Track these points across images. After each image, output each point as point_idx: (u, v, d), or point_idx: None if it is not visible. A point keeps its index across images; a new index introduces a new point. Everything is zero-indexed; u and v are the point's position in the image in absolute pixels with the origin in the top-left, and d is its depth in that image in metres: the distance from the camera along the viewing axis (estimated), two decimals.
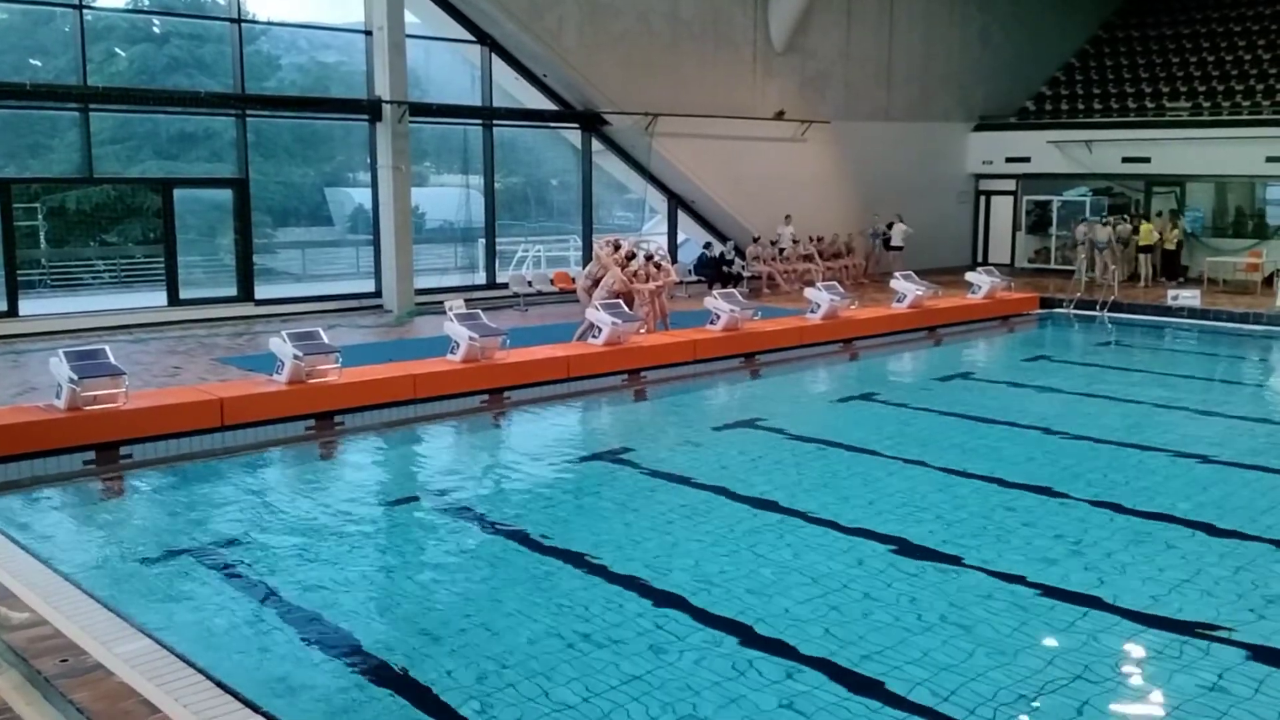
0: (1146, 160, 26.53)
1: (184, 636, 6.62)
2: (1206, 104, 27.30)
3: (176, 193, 18.86)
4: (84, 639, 6.26)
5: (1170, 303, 21.13)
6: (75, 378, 10.80)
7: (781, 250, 24.46)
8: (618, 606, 7.26)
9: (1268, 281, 23.01)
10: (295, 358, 12.22)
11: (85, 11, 17.85)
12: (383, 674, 6.32)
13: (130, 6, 20.12)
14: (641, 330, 16.09)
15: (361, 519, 9.40)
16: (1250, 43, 28.86)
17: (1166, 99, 28.17)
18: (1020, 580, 7.65)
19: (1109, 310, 21.63)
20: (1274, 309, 20.26)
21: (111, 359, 11.35)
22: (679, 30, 23.28)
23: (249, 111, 19.36)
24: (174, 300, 18.62)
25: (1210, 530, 8.74)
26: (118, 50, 19.74)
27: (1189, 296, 21.13)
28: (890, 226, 26.40)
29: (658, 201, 25.16)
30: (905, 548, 8.33)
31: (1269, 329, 19.80)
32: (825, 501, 9.58)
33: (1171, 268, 25.08)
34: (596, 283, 16.84)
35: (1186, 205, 26.53)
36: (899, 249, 26.05)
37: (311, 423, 12.20)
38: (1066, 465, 10.86)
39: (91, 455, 10.69)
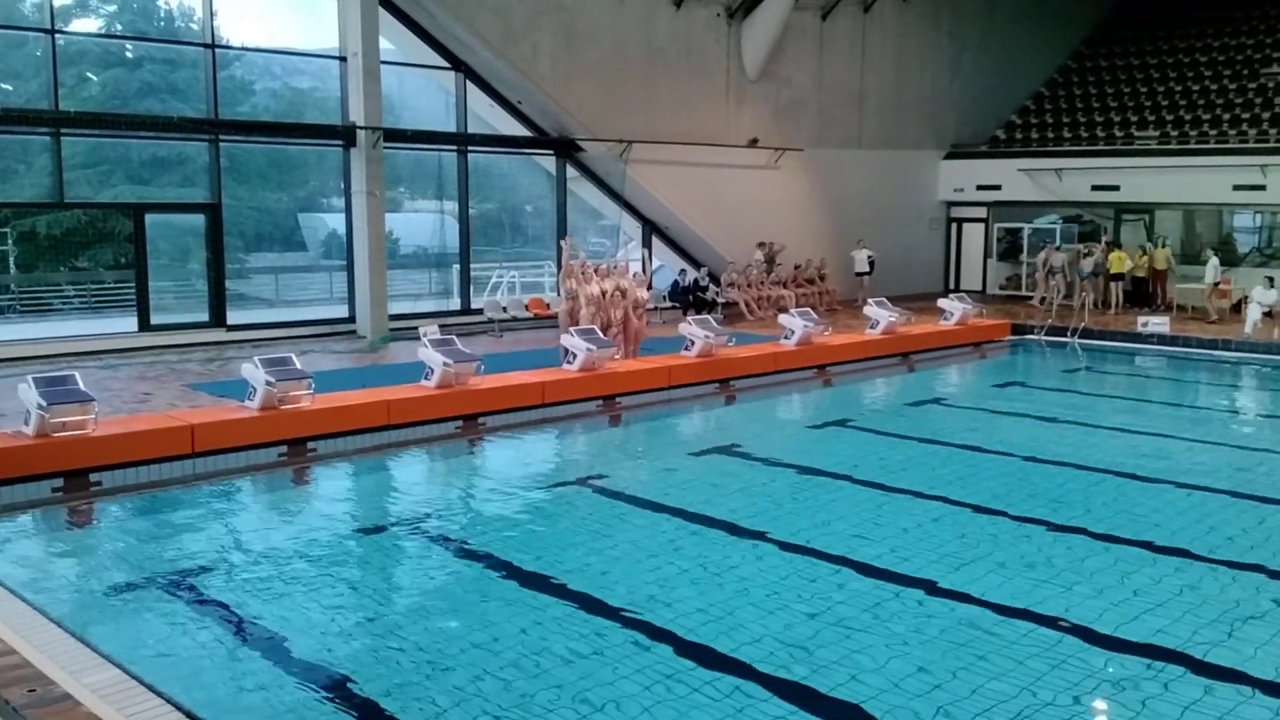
0: (1116, 188, 26.83)
1: (153, 666, 6.54)
2: (1175, 133, 27.64)
3: (148, 218, 18.76)
4: (52, 668, 6.17)
5: (1140, 329, 21.33)
6: (44, 404, 10.70)
7: (763, 272, 24.58)
8: (591, 634, 7.23)
9: (1236, 308, 23.23)
10: (267, 383, 12.15)
11: (57, 36, 17.77)
12: (355, 703, 6.26)
13: (103, 31, 20.06)
14: (616, 355, 16.11)
15: (334, 546, 9.33)
16: (1217, 73, 29.29)
17: (1135, 128, 28.51)
18: (992, 605, 7.67)
19: (1079, 337, 21.81)
20: (1242, 336, 20.47)
21: (81, 385, 11.24)
22: (653, 58, 23.41)
23: (222, 136, 19.31)
24: (145, 326, 18.48)
25: (1183, 554, 8.80)
26: (90, 75, 19.66)
27: (1158, 323, 21.34)
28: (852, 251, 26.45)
29: (632, 228, 25.22)
30: (879, 573, 8.34)
31: (1238, 355, 20.00)
32: (800, 527, 9.58)
33: (1143, 295, 25.30)
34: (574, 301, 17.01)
35: (1156, 232, 26.82)
36: (865, 274, 26.10)
37: (284, 449, 12.11)
38: (1039, 490, 10.91)
39: (60, 482, 10.56)
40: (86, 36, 19.62)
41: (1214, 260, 23.60)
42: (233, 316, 19.50)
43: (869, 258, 26.15)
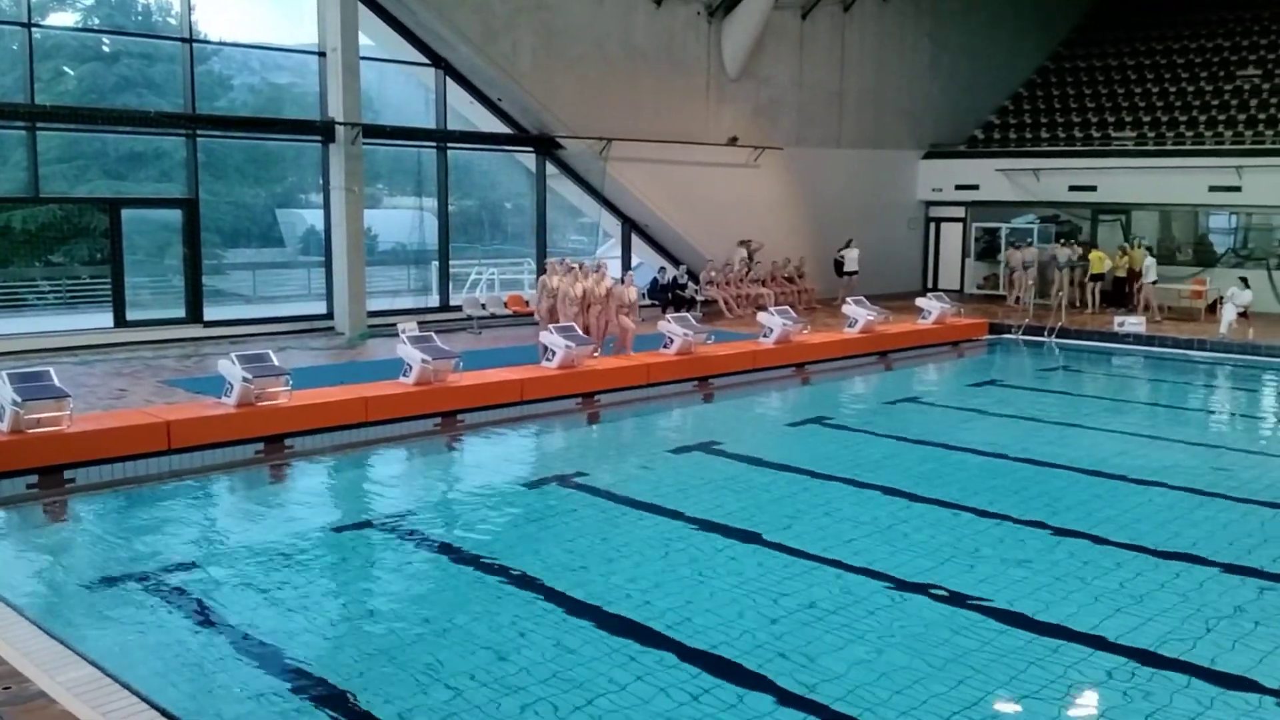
0: (1093, 189, 27.01)
1: (128, 664, 6.52)
2: (1151, 134, 27.82)
3: (125, 213, 18.61)
4: (27, 666, 6.14)
5: (1116, 329, 21.47)
6: (18, 400, 10.63)
7: (743, 269, 24.66)
8: (569, 632, 7.23)
9: (1211, 308, 23.41)
10: (244, 380, 12.10)
11: (34, 29, 17.63)
12: (331, 701, 6.25)
13: (80, 25, 19.90)
14: (595, 354, 16.10)
15: (311, 544, 9.30)
16: (1193, 74, 29.50)
17: (1112, 129, 28.69)
18: (966, 602, 7.72)
19: (1056, 336, 21.94)
20: (1217, 335, 20.63)
21: (56, 381, 11.18)
22: (633, 56, 23.40)
23: (199, 131, 19.18)
24: (120, 322, 18.33)
25: (1153, 553, 8.87)
26: (66, 69, 19.49)
27: (1134, 323, 21.49)
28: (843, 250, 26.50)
29: (612, 226, 25.21)
30: (854, 570, 8.38)
31: (1213, 355, 20.15)
32: (778, 525, 9.61)
33: (1120, 295, 25.44)
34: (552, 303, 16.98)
35: (1132, 233, 27.00)
36: (853, 273, 26.14)
37: (261, 446, 12.07)
38: (1015, 488, 10.97)
39: (34, 479, 10.50)
40: (63, 30, 19.45)
41: (1149, 260, 23.96)
42: (210, 312, 19.37)
43: (857, 257, 26.21)
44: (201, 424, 11.76)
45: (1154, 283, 23.79)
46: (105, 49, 19.95)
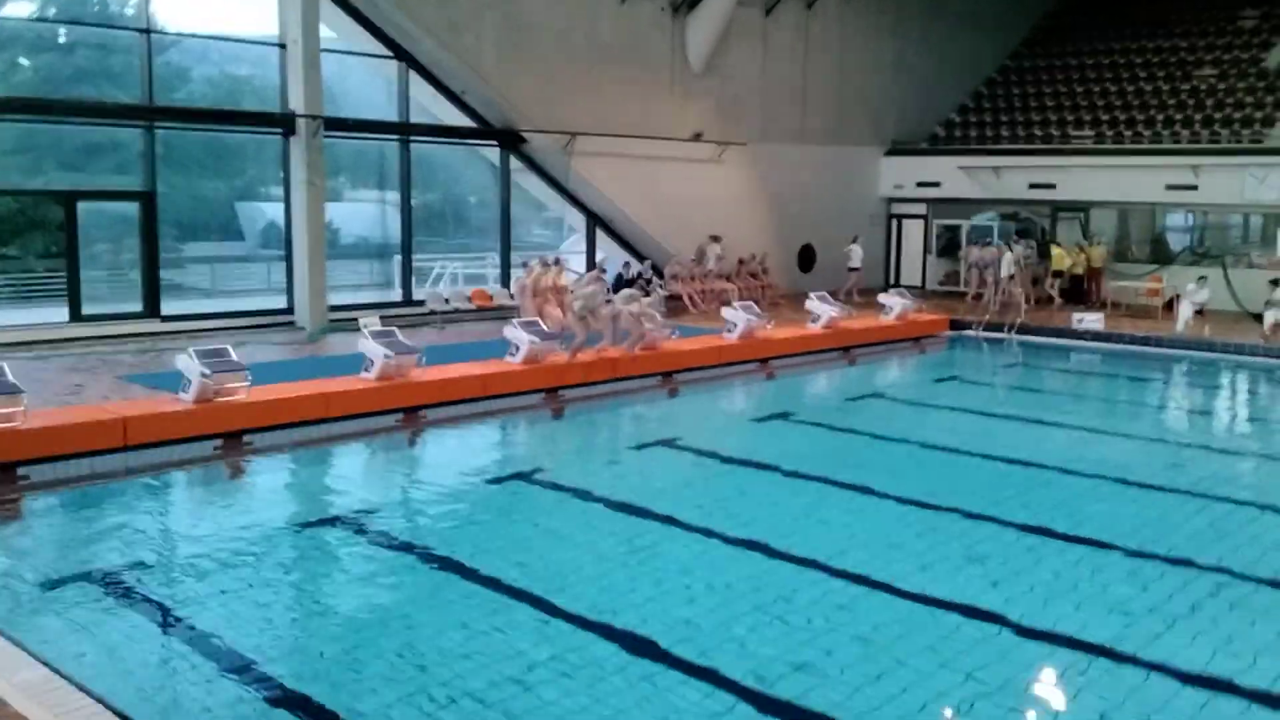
0: (1052, 186, 27.27)
1: (84, 665, 6.44)
2: (1110, 133, 28.10)
3: (81, 205, 18.35)
4: None
5: (1075, 326, 21.67)
6: None
7: (708, 269, 24.67)
8: (532, 629, 7.20)
9: (1168, 306, 23.67)
10: (203, 376, 11.98)
11: None
12: (290, 701, 6.18)
13: (36, 16, 19.58)
14: (560, 347, 16.03)
15: (270, 542, 9.20)
16: (1151, 74, 29.81)
17: (1071, 128, 28.93)
18: (928, 599, 7.75)
19: (1016, 332, 22.11)
20: (1174, 333, 20.86)
21: (10, 376, 11.01)
22: (598, 51, 23.35)
23: (158, 123, 18.95)
24: (76, 316, 18.07)
25: (1115, 549, 8.94)
26: (22, 59, 19.20)
27: (1093, 320, 21.70)
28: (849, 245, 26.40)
29: (576, 220, 25.18)
30: (818, 566, 8.39)
31: (1169, 351, 20.38)
32: (741, 520, 9.61)
33: (1079, 292, 25.67)
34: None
35: (1090, 230, 27.27)
36: (856, 270, 26.06)
37: (219, 443, 11.96)
38: (975, 484, 11.05)
39: None
40: (19, 20, 19.13)
41: (1009, 255, 24.27)
42: (167, 307, 19.15)
43: (860, 254, 26.16)
44: (159, 420, 11.63)
45: (1010, 277, 24.12)
46: (61, 40, 19.65)
